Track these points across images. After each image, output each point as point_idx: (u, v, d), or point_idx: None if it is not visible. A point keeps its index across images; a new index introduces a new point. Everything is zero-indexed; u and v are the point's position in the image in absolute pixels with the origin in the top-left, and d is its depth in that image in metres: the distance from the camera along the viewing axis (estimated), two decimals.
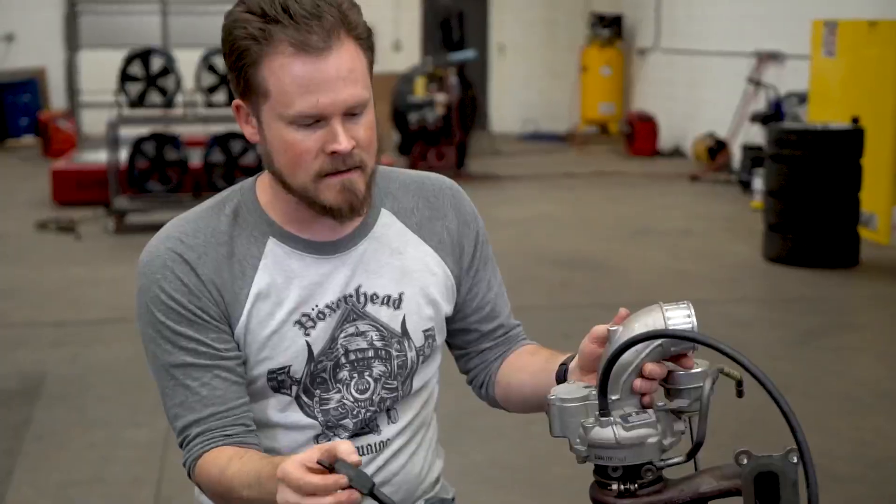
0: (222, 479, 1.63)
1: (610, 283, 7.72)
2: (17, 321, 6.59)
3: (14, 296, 7.18)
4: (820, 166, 8.03)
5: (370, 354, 1.78)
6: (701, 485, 1.54)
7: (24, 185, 12.11)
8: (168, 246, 1.72)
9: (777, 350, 6.23)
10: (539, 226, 9.95)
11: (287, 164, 1.67)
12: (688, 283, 7.80)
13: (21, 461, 4.54)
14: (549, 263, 8.32)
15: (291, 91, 1.60)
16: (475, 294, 1.90)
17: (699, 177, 12.65)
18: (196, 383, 1.70)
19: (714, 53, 13.80)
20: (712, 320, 6.77)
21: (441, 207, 1.88)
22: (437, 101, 12.65)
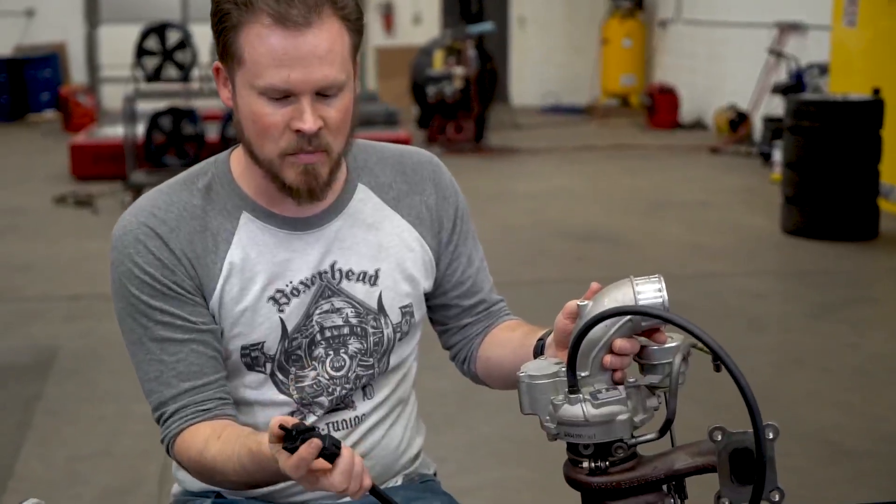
0: (202, 460, 1.62)
1: (625, 257, 7.67)
2: (32, 295, 6.62)
3: (30, 270, 7.21)
4: (839, 138, 7.93)
5: (346, 331, 1.76)
6: (675, 462, 1.52)
7: (44, 159, 12.15)
8: (141, 220, 1.71)
9: (792, 323, 6.19)
10: (556, 199, 9.90)
11: (254, 134, 1.65)
12: (704, 255, 7.74)
13: (31, 435, 4.56)
14: (565, 237, 8.28)
15: (264, 62, 1.58)
16: (455, 269, 1.88)
17: (720, 149, 12.56)
18: (172, 358, 1.69)
19: (735, 24, 13.67)
20: (727, 293, 6.75)
21: (420, 182, 1.86)
22: (456, 75, 12.60)
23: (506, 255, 7.70)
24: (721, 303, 6.52)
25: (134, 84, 10.15)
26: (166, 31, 10.16)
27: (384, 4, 17.36)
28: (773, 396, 4.94)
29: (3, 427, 4.65)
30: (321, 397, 1.77)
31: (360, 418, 1.81)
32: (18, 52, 16.21)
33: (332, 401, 1.78)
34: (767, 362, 5.46)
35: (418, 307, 1.84)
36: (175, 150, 10.14)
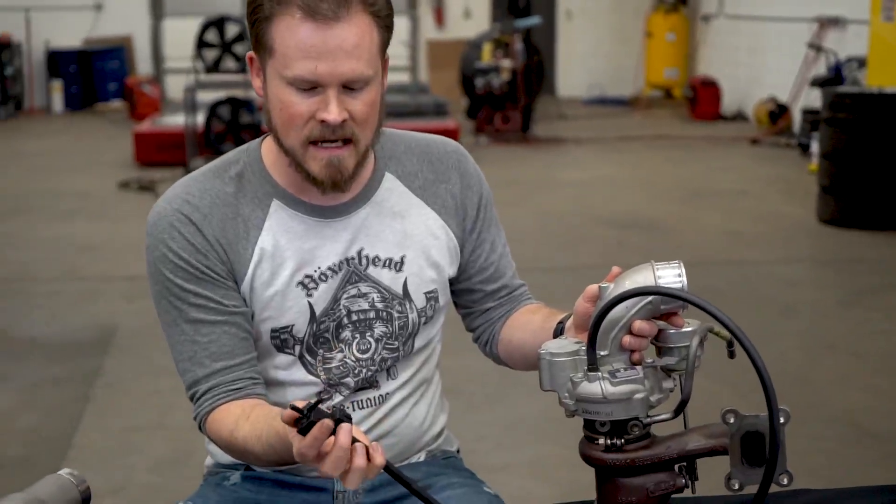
0: (232, 439, 1.62)
1: (664, 244, 7.62)
2: (94, 275, 6.69)
3: (93, 251, 7.29)
4: (874, 129, 7.83)
5: (371, 315, 1.75)
6: (688, 442, 1.50)
7: (110, 146, 12.27)
8: (175, 206, 1.70)
9: (825, 309, 6.12)
10: (599, 187, 9.84)
11: (281, 123, 1.64)
12: (740, 243, 7.67)
13: (90, 407, 4.62)
14: (605, 224, 8.23)
15: (293, 54, 1.57)
16: (479, 255, 1.86)
17: (759, 140, 12.43)
18: (205, 339, 1.69)
19: (776, 19, 13.53)
20: (762, 280, 6.68)
21: (445, 171, 1.84)
22: (503, 67, 12.56)
23: (547, 241, 7.70)
24: (755, 289, 6.46)
25: (194, 75, 10.22)
26: (225, 24, 10.22)
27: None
28: (804, 380, 4.89)
29: (65, 399, 4.72)
30: (347, 378, 1.77)
31: (383, 397, 1.80)
32: (87, 45, 16.37)
33: (358, 382, 1.77)
34: (798, 347, 5.40)
35: (443, 292, 1.83)
36: (233, 138, 10.20)
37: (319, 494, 1.81)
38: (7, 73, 15.49)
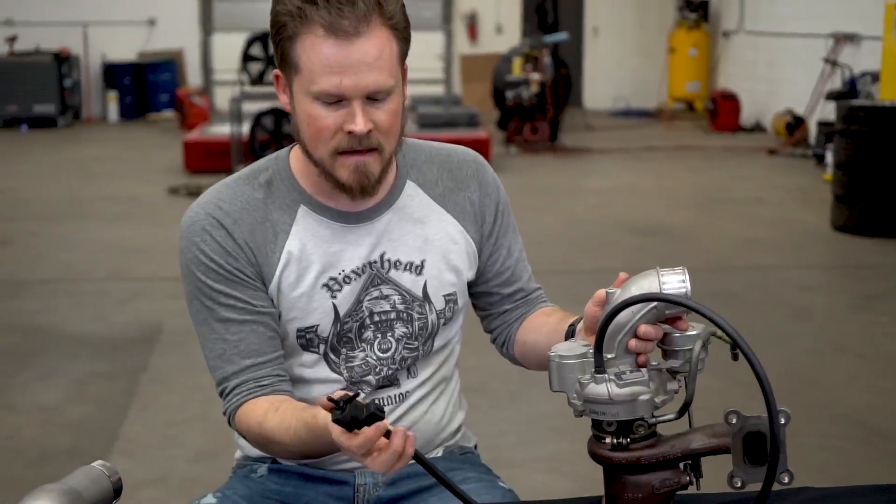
0: (261, 431, 1.63)
1: (683, 249, 7.58)
2: (142, 276, 6.73)
3: (141, 252, 7.32)
4: (886, 141, 7.75)
5: (393, 316, 1.75)
6: (692, 441, 1.49)
7: (162, 153, 12.33)
8: (207, 211, 1.71)
9: (837, 313, 6.07)
10: (622, 195, 9.80)
11: (309, 136, 1.64)
12: (756, 249, 7.61)
13: (135, 401, 4.64)
14: (627, 230, 8.20)
15: (318, 70, 1.57)
16: (496, 259, 1.85)
17: (777, 151, 12.34)
18: (234, 337, 1.69)
19: (794, 35, 13.43)
20: (776, 284, 6.63)
21: (464, 179, 1.83)
22: (532, 80, 12.54)
23: (572, 246, 7.68)
24: (769, 293, 6.41)
25: (240, 87, 10.26)
26: (269, 39, 10.25)
27: (469, 15, 17.34)
28: (814, 381, 4.86)
29: (112, 393, 4.74)
30: (369, 376, 1.76)
31: (404, 395, 1.80)
32: (141, 58, 16.47)
33: (379, 380, 1.77)
34: (809, 349, 5.35)
35: (461, 294, 1.82)
36: (276, 147, 10.20)
37: (341, 487, 1.81)
38: (66, 84, 15.62)
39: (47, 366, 5.12)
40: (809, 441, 4.17)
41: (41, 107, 15.38)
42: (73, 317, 5.91)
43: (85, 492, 1.36)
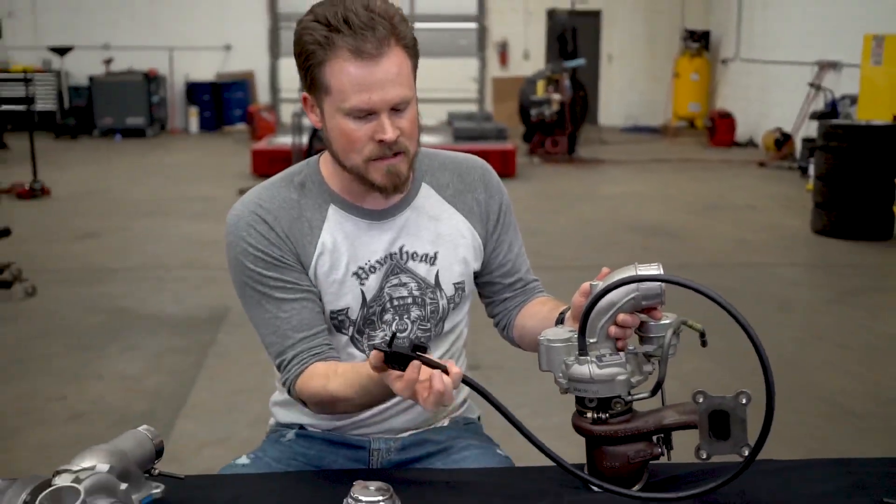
0: (326, 392, 1.58)
1: (682, 248, 7.50)
2: (213, 265, 6.74)
3: (214, 245, 7.33)
4: (861, 155, 7.64)
5: (409, 301, 1.73)
6: (664, 418, 1.47)
7: (234, 160, 12.38)
8: (250, 209, 1.69)
9: (817, 306, 5.97)
10: (630, 200, 9.72)
11: (343, 148, 1.62)
12: (746, 249, 7.52)
13: (203, 373, 4.65)
14: (634, 230, 8.12)
15: (348, 89, 1.55)
16: (498, 253, 1.83)
17: (766, 164, 12.20)
18: (287, 314, 1.66)
19: (783, 63, 13.29)
20: (764, 280, 6.54)
21: (472, 182, 1.80)
22: (553, 100, 12.48)
23: (585, 244, 7.61)
24: (758, 288, 6.32)
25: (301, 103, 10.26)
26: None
27: (501, 43, 17.28)
28: (795, 365, 4.78)
29: (184, 366, 4.76)
30: None
31: None
32: (218, 78, 16.57)
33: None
34: (793, 338, 5.27)
35: (468, 283, 1.80)
36: None
37: (358, 452, 1.78)
38: (154, 100, 15.75)
39: (130, 341, 5.14)
40: (788, 418, 4.10)
41: (133, 119, 15.51)
42: (153, 300, 5.94)
43: (130, 452, 1.34)
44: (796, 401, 4.29)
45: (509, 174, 10.98)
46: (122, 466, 1.28)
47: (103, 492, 1.20)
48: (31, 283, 6.10)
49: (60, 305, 5.85)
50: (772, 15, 14.07)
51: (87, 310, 5.74)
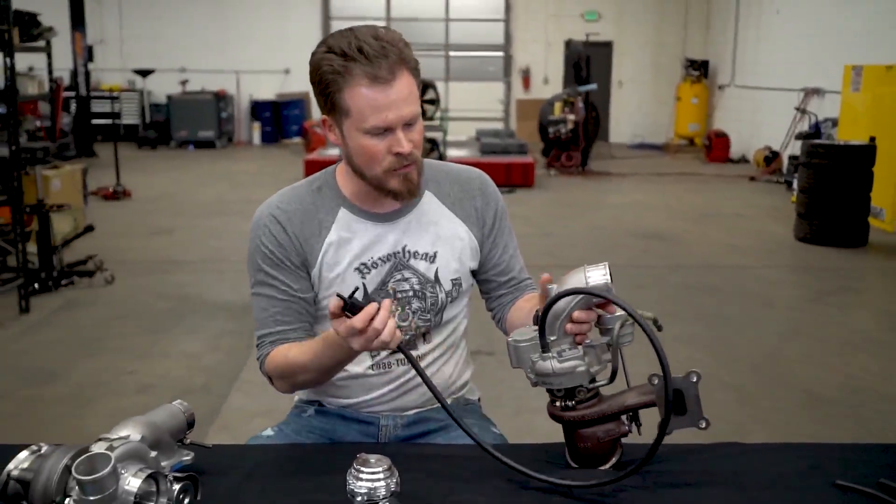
0: (285, 361, 1.61)
1: (678, 251, 7.41)
2: None
3: None
4: (840, 172, 7.49)
5: (411, 294, 1.71)
6: (626, 399, 1.44)
7: (289, 168, 12.42)
8: (269, 211, 1.69)
9: (796, 304, 5.87)
10: (634, 209, 9.62)
11: (364, 162, 1.60)
12: (735, 252, 7.40)
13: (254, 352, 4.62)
14: (635, 235, 8.03)
15: (367, 111, 1.53)
16: (494, 254, 1.79)
17: (756, 178, 12.03)
18: (274, 309, 1.67)
19: (773, 89, 13.09)
20: (750, 280, 6.44)
21: (471, 191, 1.77)
22: (568, 119, 12.38)
23: (592, 246, 7.54)
24: (744, 286, 6.22)
25: None
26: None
27: (524, 69, 17.19)
28: (775, 357, 4.69)
29: (237, 346, 4.75)
30: None
31: (420, 357, 1.75)
32: (278, 98, 16.65)
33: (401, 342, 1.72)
34: (774, 332, 5.18)
35: (465, 279, 1.77)
36: None
37: (369, 427, 1.77)
38: (223, 116, 15.85)
39: (193, 324, 5.16)
40: (765, 404, 4.03)
41: (204, 132, 15.62)
42: (214, 288, 5.96)
43: (163, 423, 1.33)
44: (774, 389, 4.21)
45: (528, 184, 10.91)
46: (154, 436, 1.27)
47: (134, 458, 1.18)
48: (111, 272, 6.15)
49: (135, 292, 5.89)
50: (763, 47, 13.89)
51: (158, 296, 5.78)
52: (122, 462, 1.15)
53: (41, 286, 5.83)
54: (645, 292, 5.96)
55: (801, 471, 1.48)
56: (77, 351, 4.68)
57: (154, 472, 1.19)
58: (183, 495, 1.24)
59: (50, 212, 6.07)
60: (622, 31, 17.08)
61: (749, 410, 3.95)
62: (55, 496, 1.16)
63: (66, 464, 1.17)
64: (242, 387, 4.14)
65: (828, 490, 1.41)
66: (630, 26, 17.06)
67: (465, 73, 17.15)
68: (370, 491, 1.24)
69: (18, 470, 1.21)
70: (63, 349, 4.72)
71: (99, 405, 3.94)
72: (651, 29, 17.06)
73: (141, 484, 1.15)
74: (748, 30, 14.58)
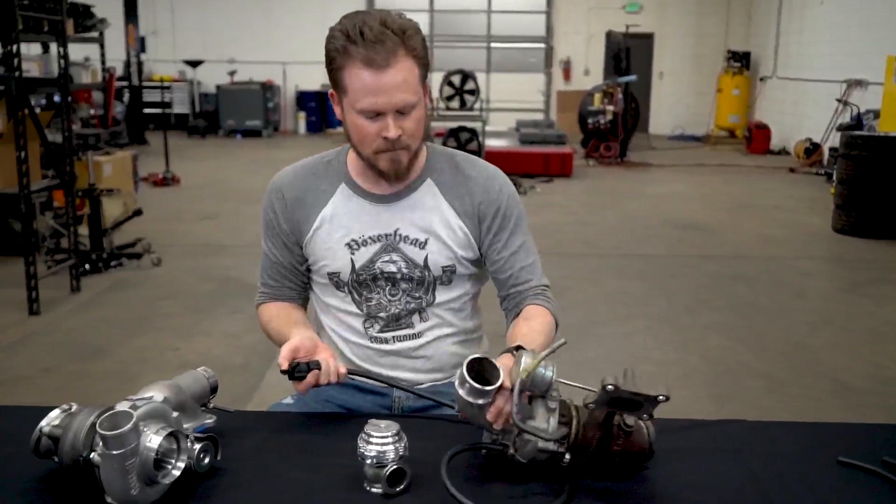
0: (265, 328, 1.81)
1: (713, 241, 7.33)
2: None
3: None
4: (879, 163, 7.35)
5: (398, 276, 1.73)
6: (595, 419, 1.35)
7: None
8: (277, 181, 1.79)
9: (829, 294, 5.78)
10: (670, 199, 9.53)
11: (357, 140, 1.64)
12: (770, 243, 7.30)
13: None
14: (672, 225, 7.96)
15: (360, 93, 1.56)
16: (494, 250, 1.76)
17: (796, 170, 11.83)
18: (269, 269, 1.84)
19: (815, 80, 12.86)
20: (784, 271, 6.36)
21: (472, 186, 1.75)
22: (608, 110, 12.31)
23: (629, 235, 7.50)
24: (778, 277, 6.15)
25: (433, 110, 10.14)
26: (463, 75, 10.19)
27: (565, 61, 17.09)
28: (807, 346, 4.64)
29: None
30: (381, 313, 1.76)
31: (417, 334, 1.78)
32: (323, 88, 16.74)
33: (389, 317, 1.76)
34: (805, 321, 5.11)
35: (462, 266, 1.76)
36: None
37: (383, 398, 1.80)
38: (269, 106, 16.01)
39: (235, 305, 5.24)
40: (794, 391, 4.00)
41: (251, 122, 15.80)
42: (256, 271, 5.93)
43: (187, 387, 1.38)
44: (804, 377, 4.17)
45: (567, 174, 10.87)
46: (178, 399, 1.32)
47: (156, 417, 1.23)
48: (158, 255, 6.28)
49: (180, 274, 6.00)
50: (806, 39, 13.63)
51: (202, 278, 5.88)
52: (145, 420, 1.20)
53: (92, 267, 5.97)
54: (679, 281, 5.92)
55: (805, 448, 1.48)
56: (124, 329, 4.79)
57: (175, 430, 1.23)
58: (203, 454, 1.29)
59: (101, 196, 6.21)
60: (663, 23, 16.88)
61: (777, 397, 3.92)
62: (82, 451, 1.22)
63: (92, 421, 1.22)
64: None
65: (831, 467, 1.41)
66: (671, 18, 16.86)
67: (506, 65, 17.09)
68: (379, 454, 1.28)
69: (50, 427, 1.27)
70: (110, 327, 4.84)
71: (143, 380, 3.96)
72: (692, 20, 16.84)
73: (162, 441, 1.20)
74: (791, 21, 14.33)
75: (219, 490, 1.30)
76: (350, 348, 1.79)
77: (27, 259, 5.00)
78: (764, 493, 1.33)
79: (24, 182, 4.92)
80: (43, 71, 7.14)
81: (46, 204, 6.58)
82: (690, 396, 3.90)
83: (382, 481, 1.28)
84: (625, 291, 5.65)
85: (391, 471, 1.28)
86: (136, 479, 1.17)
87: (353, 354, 1.78)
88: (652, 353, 4.46)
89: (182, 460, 1.25)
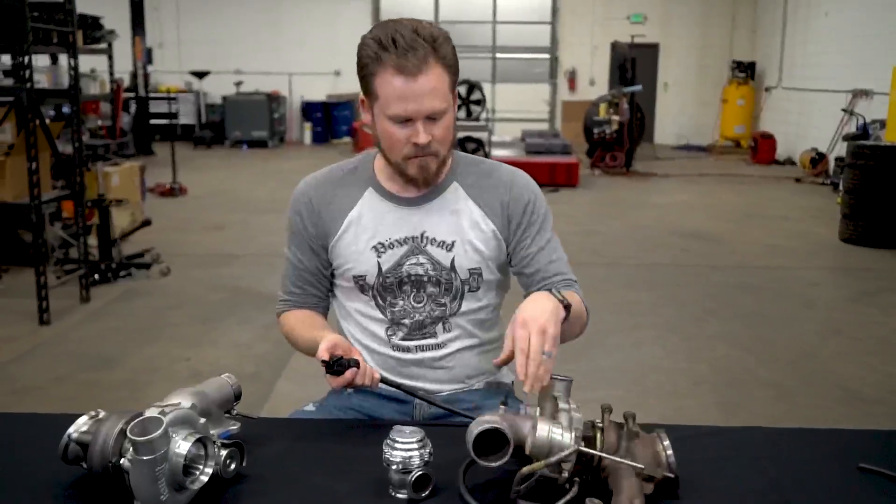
0: (290, 333, 1.80)
1: (719, 251, 7.34)
2: None
3: None
4: (884, 172, 7.36)
5: (425, 279, 1.74)
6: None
7: None
8: (303, 188, 1.80)
9: (837, 304, 5.78)
10: (676, 209, 9.54)
11: (386, 146, 1.65)
12: (777, 253, 7.30)
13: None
14: (677, 235, 7.97)
15: (391, 99, 1.57)
16: (522, 247, 1.77)
17: (802, 179, 11.84)
18: (292, 275, 1.83)
19: (820, 91, 12.86)
20: (791, 280, 6.36)
21: (498, 187, 1.77)
22: (613, 120, 12.32)
23: (635, 245, 7.51)
24: (784, 287, 6.15)
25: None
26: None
27: (570, 71, 17.12)
28: (815, 355, 4.64)
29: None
30: (405, 320, 1.76)
31: (440, 344, 1.78)
32: (329, 99, 16.81)
33: (413, 324, 1.76)
34: (813, 331, 5.11)
35: (488, 271, 1.77)
36: None
37: (405, 405, 1.81)
38: (275, 116, 16.06)
39: (244, 315, 5.25)
40: (802, 400, 4.00)
41: (257, 132, 15.85)
42: (265, 281, 6.03)
43: (212, 394, 1.39)
44: (812, 386, 4.17)
45: (573, 184, 10.89)
46: (203, 405, 1.33)
47: (185, 424, 1.25)
48: (167, 264, 6.30)
49: (189, 284, 6.02)
50: (811, 49, 13.65)
51: (211, 288, 5.90)
52: (174, 426, 1.22)
53: (101, 277, 5.99)
54: (686, 290, 5.92)
55: (824, 454, 1.49)
56: (133, 338, 4.81)
57: (203, 437, 1.25)
58: (230, 460, 1.30)
59: (110, 206, 6.24)
60: (668, 34, 16.93)
61: (786, 406, 3.92)
62: (111, 457, 1.23)
63: (121, 427, 1.24)
64: (290, 375, 4.20)
65: (852, 474, 1.41)
66: (676, 29, 16.90)
67: (511, 75, 17.14)
68: (405, 460, 1.29)
69: (78, 433, 1.29)
70: (120, 337, 4.85)
71: (153, 390, 4.04)
72: (697, 31, 16.88)
73: (190, 447, 1.21)
74: (796, 32, 14.35)
75: (245, 496, 1.31)
76: (372, 357, 1.79)
77: (37, 269, 5.03)
78: (787, 501, 1.33)
79: (35, 193, 4.95)
80: (52, 82, 7.18)
81: (55, 214, 6.61)
82: (699, 406, 3.91)
83: (408, 487, 1.29)
84: (632, 301, 5.66)
85: (416, 476, 1.29)
86: (165, 484, 1.18)
87: (375, 364, 1.79)
88: (661, 363, 4.46)
89: (210, 466, 1.26)
